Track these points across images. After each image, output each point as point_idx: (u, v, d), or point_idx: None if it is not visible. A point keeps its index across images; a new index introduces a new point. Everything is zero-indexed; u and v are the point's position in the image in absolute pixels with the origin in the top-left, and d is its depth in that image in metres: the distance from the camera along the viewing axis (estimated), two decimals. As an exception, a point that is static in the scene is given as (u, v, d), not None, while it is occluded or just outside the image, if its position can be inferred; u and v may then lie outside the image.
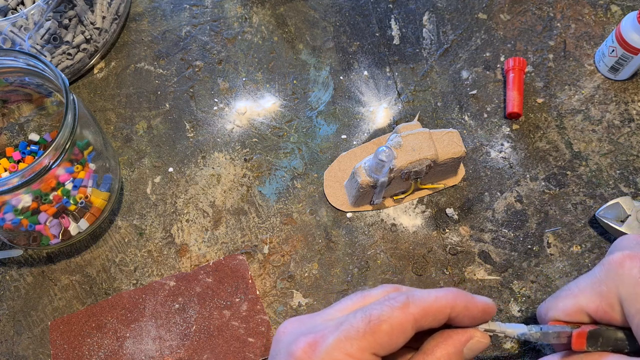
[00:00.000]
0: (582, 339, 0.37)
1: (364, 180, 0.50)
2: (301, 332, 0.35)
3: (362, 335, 0.33)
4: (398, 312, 0.34)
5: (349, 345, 0.33)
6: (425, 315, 0.35)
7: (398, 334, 0.34)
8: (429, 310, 0.35)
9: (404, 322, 0.34)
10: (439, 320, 0.35)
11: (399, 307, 0.34)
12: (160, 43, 0.64)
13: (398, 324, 0.34)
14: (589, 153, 0.57)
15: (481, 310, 0.36)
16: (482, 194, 0.55)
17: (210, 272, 0.53)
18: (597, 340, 0.37)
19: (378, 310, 0.34)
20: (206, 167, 0.57)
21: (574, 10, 0.64)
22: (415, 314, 0.34)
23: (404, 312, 0.34)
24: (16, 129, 0.57)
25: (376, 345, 0.33)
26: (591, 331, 0.37)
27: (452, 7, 0.64)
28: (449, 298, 0.35)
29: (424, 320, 0.35)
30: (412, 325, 0.34)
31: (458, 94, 0.60)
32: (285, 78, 0.61)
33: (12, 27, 0.54)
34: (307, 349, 0.33)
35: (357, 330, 0.33)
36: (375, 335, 0.33)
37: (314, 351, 0.33)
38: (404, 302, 0.34)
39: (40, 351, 0.51)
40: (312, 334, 0.34)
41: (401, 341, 0.34)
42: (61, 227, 0.51)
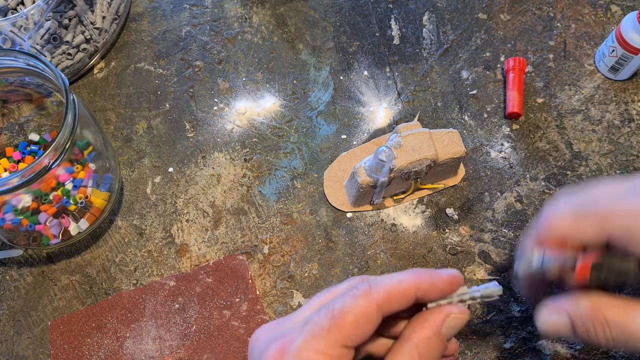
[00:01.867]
0: (585, 272, 0.35)
1: (364, 180, 0.50)
2: (271, 338, 0.35)
3: (327, 331, 0.33)
4: (360, 300, 0.34)
5: (316, 344, 0.33)
6: (389, 299, 0.34)
7: (364, 323, 0.34)
8: (392, 294, 0.35)
9: (368, 309, 0.34)
10: (405, 302, 0.35)
11: (361, 295, 0.34)
12: (160, 43, 0.64)
13: (362, 313, 0.34)
14: (589, 153, 0.57)
15: (447, 283, 0.36)
16: (482, 194, 0.55)
17: (210, 272, 0.53)
18: (601, 272, 0.35)
19: (340, 302, 0.34)
20: (206, 167, 0.57)
21: (574, 10, 0.64)
22: (378, 300, 0.34)
23: (366, 299, 0.34)
24: (16, 129, 0.57)
25: (344, 338, 0.33)
26: (595, 264, 0.35)
27: (452, 7, 0.64)
28: (412, 279, 0.35)
29: (389, 305, 0.35)
30: (376, 311, 0.34)
31: (458, 94, 0.60)
32: (285, 78, 0.61)
33: (12, 27, 0.54)
34: (277, 355, 0.33)
35: (322, 327, 0.33)
36: (341, 328, 0.33)
37: (283, 356, 0.33)
38: (365, 290, 0.34)
39: (40, 351, 0.51)
40: (281, 339, 0.34)
41: (369, 329, 0.34)
42: (61, 227, 0.51)
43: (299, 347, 0.33)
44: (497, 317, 0.50)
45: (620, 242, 0.36)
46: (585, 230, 0.37)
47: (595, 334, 0.36)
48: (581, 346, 0.49)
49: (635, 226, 0.35)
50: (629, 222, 0.36)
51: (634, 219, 0.36)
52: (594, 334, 0.36)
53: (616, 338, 0.35)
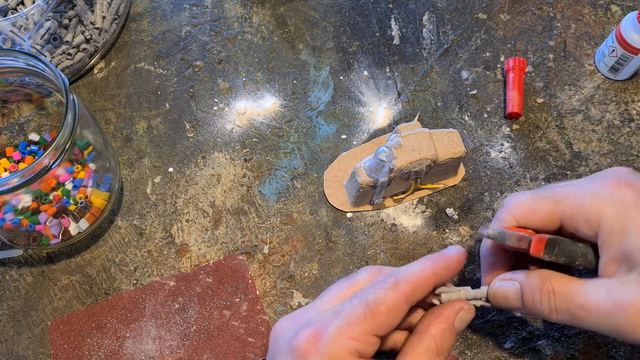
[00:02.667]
0: (541, 244, 0.38)
1: (364, 180, 0.50)
2: (298, 326, 0.36)
3: (362, 320, 0.35)
4: (391, 292, 0.36)
5: (351, 330, 0.35)
6: (415, 290, 0.37)
7: (395, 313, 0.36)
8: (417, 284, 0.37)
9: (398, 301, 0.36)
10: (427, 290, 0.38)
11: (391, 287, 0.36)
12: (160, 43, 0.64)
13: (393, 304, 0.36)
14: (589, 153, 0.57)
15: (457, 262, 0.39)
16: (482, 194, 0.55)
17: (210, 272, 0.53)
18: (554, 248, 0.38)
19: (373, 294, 0.36)
20: (206, 167, 0.57)
21: (574, 10, 0.64)
22: (406, 291, 0.36)
23: (396, 291, 0.36)
24: (16, 129, 0.57)
25: (376, 327, 0.35)
26: (550, 238, 0.38)
27: (452, 7, 0.64)
28: (430, 267, 0.38)
29: (415, 295, 0.37)
30: (405, 302, 0.36)
31: (458, 94, 0.60)
32: (285, 78, 0.61)
33: (12, 27, 0.54)
34: (311, 339, 0.35)
35: (357, 316, 0.35)
36: (375, 317, 0.35)
37: (318, 341, 0.35)
38: (394, 282, 0.36)
39: (40, 351, 0.51)
40: (312, 325, 0.36)
41: (398, 319, 0.36)
42: (61, 227, 0.51)
43: (335, 332, 0.35)
44: (497, 317, 0.50)
45: (570, 223, 0.39)
46: (541, 212, 0.40)
47: (540, 302, 0.38)
48: (581, 346, 0.49)
49: (583, 208, 0.38)
50: (578, 204, 0.38)
51: (583, 200, 0.38)
52: (539, 302, 0.38)
53: (559, 308, 0.37)
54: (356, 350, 0.35)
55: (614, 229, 0.37)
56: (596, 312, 0.36)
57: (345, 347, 0.34)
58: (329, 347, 0.34)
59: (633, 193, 0.37)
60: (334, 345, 0.34)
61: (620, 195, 0.37)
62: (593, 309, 0.36)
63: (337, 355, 0.34)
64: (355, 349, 0.35)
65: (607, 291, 0.36)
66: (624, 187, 0.38)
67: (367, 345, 0.35)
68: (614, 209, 0.37)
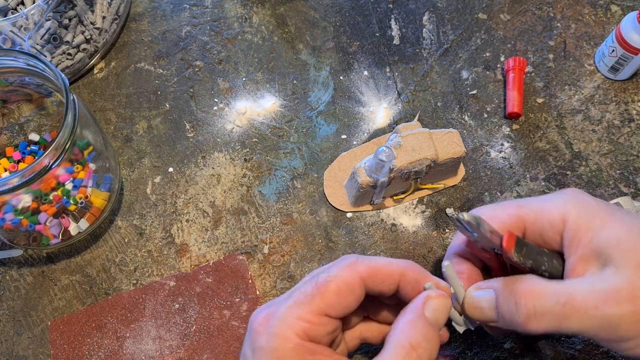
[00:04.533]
0: (512, 240, 0.37)
1: (364, 180, 0.50)
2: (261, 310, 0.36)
3: (310, 298, 0.34)
4: (344, 270, 0.35)
5: (299, 310, 0.34)
6: (373, 275, 0.36)
7: (346, 293, 0.35)
8: (376, 270, 0.36)
9: (351, 280, 0.35)
10: (388, 284, 0.36)
11: (346, 266, 0.35)
12: (160, 43, 0.64)
13: (345, 283, 0.35)
14: (589, 153, 0.57)
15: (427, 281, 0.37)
16: (482, 194, 0.55)
17: (210, 272, 0.53)
18: (522, 248, 0.37)
19: (325, 272, 0.35)
20: (206, 167, 0.57)
21: (574, 10, 0.64)
22: (362, 272, 0.35)
23: (350, 270, 0.35)
24: (16, 129, 0.57)
25: (326, 306, 0.34)
26: (519, 238, 0.38)
27: (452, 7, 0.64)
28: (401, 265, 0.36)
29: (373, 281, 0.36)
30: (359, 283, 0.35)
31: (458, 94, 0.60)
32: (285, 78, 0.61)
33: (12, 27, 0.54)
34: (263, 321, 0.35)
35: (306, 294, 0.35)
36: (324, 296, 0.34)
37: (268, 321, 0.35)
38: (351, 262, 0.36)
39: (40, 351, 0.51)
40: (269, 307, 0.36)
41: (351, 300, 0.35)
42: (61, 227, 0.51)
43: (284, 313, 0.34)
44: (497, 317, 0.50)
45: (534, 228, 0.39)
46: (503, 216, 0.39)
47: (518, 305, 0.35)
48: (581, 346, 0.49)
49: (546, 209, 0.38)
50: (541, 206, 0.38)
51: (546, 204, 0.38)
52: (516, 305, 0.35)
53: (540, 309, 0.34)
54: (304, 332, 0.34)
55: (581, 227, 0.36)
56: (583, 307, 0.33)
57: (292, 327, 0.34)
58: (276, 327, 0.34)
59: (593, 198, 0.38)
60: (282, 325, 0.34)
61: (582, 198, 0.38)
62: (579, 303, 0.33)
63: (284, 335, 0.34)
64: (303, 329, 0.34)
65: (589, 284, 0.34)
66: (583, 193, 0.39)
67: (318, 327, 0.34)
68: (578, 209, 0.37)
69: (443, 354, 0.49)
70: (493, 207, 0.40)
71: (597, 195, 0.55)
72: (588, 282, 0.35)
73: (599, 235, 0.36)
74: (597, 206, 0.37)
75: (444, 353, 0.49)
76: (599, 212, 0.37)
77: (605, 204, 0.38)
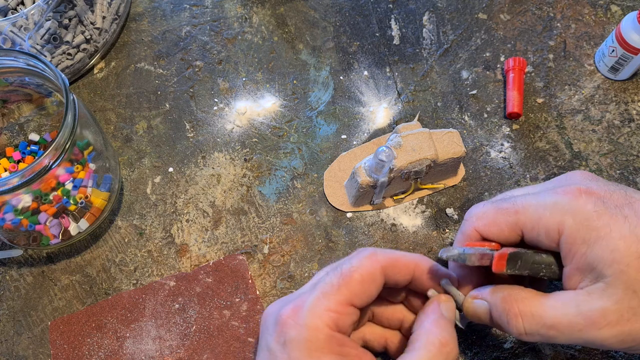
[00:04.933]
0: (502, 260, 0.38)
1: (364, 180, 0.50)
2: (282, 305, 0.37)
3: (337, 289, 0.35)
4: (366, 260, 0.37)
5: (327, 301, 0.35)
6: (392, 265, 0.37)
7: (369, 282, 0.36)
8: (395, 261, 0.37)
9: (373, 269, 0.36)
10: (404, 273, 0.38)
11: (366, 256, 0.37)
12: (160, 43, 0.64)
13: (367, 272, 0.36)
14: (589, 153, 0.57)
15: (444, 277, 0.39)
16: (482, 194, 0.55)
17: (210, 272, 0.53)
18: (516, 262, 0.38)
19: (348, 264, 0.37)
20: (206, 167, 0.57)
21: (574, 10, 0.64)
22: (382, 262, 0.37)
23: (371, 260, 0.37)
24: (16, 129, 0.57)
25: (351, 296, 0.36)
26: (512, 253, 0.38)
27: (452, 7, 0.64)
28: (415, 257, 0.39)
29: (392, 270, 0.37)
30: (380, 272, 0.37)
31: (458, 94, 0.60)
32: (285, 78, 0.61)
33: (12, 27, 0.54)
34: (292, 313, 0.35)
35: (332, 285, 0.36)
36: (349, 285, 0.36)
37: (297, 314, 0.35)
38: (371, 252, 0.37)
39: (40, 351, 0.51)
40: (293, 301, 0.37)
41: (373, 289, 0.37)
42: (61, 227, 0.51)
43: (312, 304, 0.35)
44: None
45: (531, 234, 0.39)
46: (503, 224, 0.39)
47: (508, 324, 0.38)
48: (581, 346, 0.49)
49: (544, 219, 0.38)
50: (538, 215, 0.38)
51: (543, 213, 0.38)
52: (507, 324, 0.38)
53: (529, 330, 0.37)
54: (333, 322, 0.35)
55: (576, 240, 0.36)
56: (568, 331, 0.35)
57: (322, 318, 0.34)
58: (306, 318, 0.34)
59: (593, 201, 0.36)
60: (312, 316, 0.35)
61: (581, 205, 0.37)
62: (564, 327, 0.35)
63: (314, 326, 0.34)
64: (333, 320, 0.35)
65: (576, 306, 0.35)
66: (584, 195, 0.37)
67: (345, 317, 0.35)
68: (575, 220, 0.36)
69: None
70: (493, 211, 0.40)
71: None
72: (576, 301, 0.36)
73: (593, 250, 0.35)
74: (597, 215, 0.36)
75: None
76: (597, 223, 0.36)
77: (611, 210, 0.36)
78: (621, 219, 0.35)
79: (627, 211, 0.36)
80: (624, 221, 0.35)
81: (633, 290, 0.34)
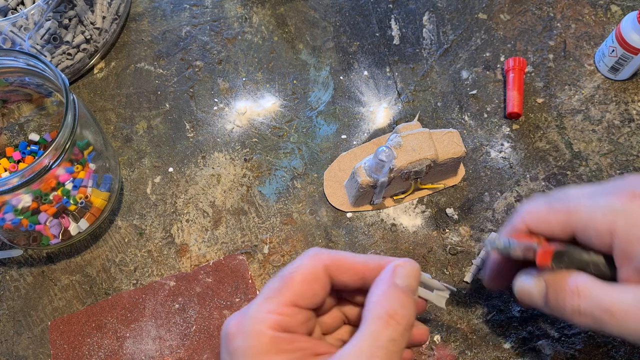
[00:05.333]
0: (547, 256, 0.38)
1: (364, 180, 0.50)
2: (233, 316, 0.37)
3: (278, 292, 0.35)
4: (308, 260, 0.36)
5: (268, 305, 0.35)
6: (337, 264, 0.36)
7: (311, 281, 0.35)
8: (339, 260, 0.36)
9: (314, 268, 0.35)
10: (352, 274, 0.36)
11: (310, 256, 0.36)
12: (160, 43, 0.64)
13: (309, 272, 0.35)
14: (589, 153, 0.57)
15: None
16: (482, 194, 0.55)
17: (210, 272, 0.53)
18: (563, 258, 0.38)
19: (290, 266, 0.36)
20: (206, 167, 0.57)
21: (574, 10, 0.64)
22: (324, 260, 0.36)
23: (313, 259, 0.36)
24: (16, 129, 0.57)
25: (294, 296, 0.35)
26: (557, 251, 0.38)
27: (452, 7, 0.64)
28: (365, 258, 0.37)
29: (337, 270, 0.36)
30: (322, 271, 0.36)
31: (458, 94, 0.60)
32: (285, 78, 0.61)
33: (12, 27, 0.54)
34: (236, 322, 0.35)
35: (273, 289, 0.35)
36: (290, 287, 0.35)
37: (241, 322, 0.35)
38: (314, 252, 0.36)
39: (40, 351, 0.51)
40: (239, 311, 0.36)
41: (317, 289, 0.36)
42: (61, 227, 0.51)
43: (254, 310, 0.35)
44: (497, 317, 0.50)
45: (583, 235, 0.38)
46: (554, 223, 0.39)
47: (564, 301, 0.37)
48: (581, 346, 0.49)
49: (595, 221, 0.37)
50: (590, 217, 0.38)
51: (595, 214, 0.38)
52: (563, 302, 0.37)
53: (584, 310, 0.36)
54: (277, 323, 0.34)
55: (630, 240, 0.36)
56: (623, 317, 0.35)
57: (264, 322, 0.34)
58: (249, 325, 0.34)
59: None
60: (254, 322, 0.34)
61: (634, 208, 0.36)
62: (619, 313, 0.35)
63: (257, 331, 0.34)
64: (276, 321, 0.34)
65: (635, 295, 0.35)
66: (638, 199, 0.37)
67: (290, 318, 0.35)
68: (627, 221, 0.36)
69: (443, 353, 0.49)
70: (545, 209, 0.40)
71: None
72: (634, 294, 0.35)
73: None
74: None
75: (444, 353, 0.49)
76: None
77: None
78: None
79: None
80: None
81: None
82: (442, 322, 0.50)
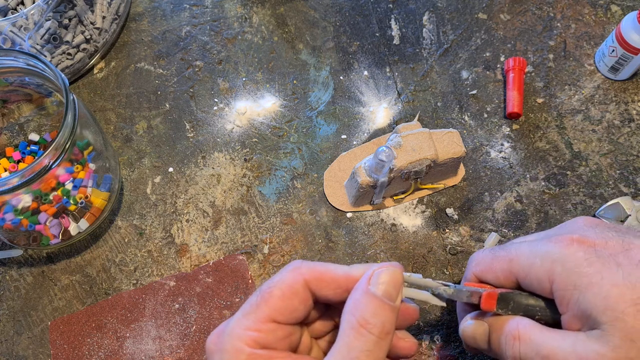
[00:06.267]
0: (492, 300, 0.38)
1: (364, 180, 0.50)
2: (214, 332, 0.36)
3: (256, 307, 0.34)
4: (287, 274, 0.35)
5: (246, 321, 0.34)
6: (318, 278, 0.35)
7: (290, 296, 0.34)
8: (320, 274, 0.35)
9: (293, 282, 0.34)
10: (334, 288, 0.35)
11: (289, 270, 0.35)
12: (160, 43, 0.64)
13: (287, 287, 0.34)
14: (589, 153, 0.57)
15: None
16: (482, 194, 0.55)
17: (210, 272, 0.53)
18: (508, 303, 0.38)
19: (270, 281, 0.35)
20: (206, 167, 0.57)
21: (574, 10, 0.64)
22: (305, 274, 0.34)
23: (293, 273, 0.34)
24: (16, 129, 0.57)
25: (272, 312, 0.34)
26: (502, 294, 0.38)
27: (452, 7, 0.64)
28: (348, 270, 0.35)
29: (317, 284, 0.35)
30: (302, 285, 0.34)
31: (458, 94, 0.60)
32: (285, 78, 0.61)
33: (12, 27, 0.54)
34: (215, 339, 0.35)
35: (251, 304, 0.34)
36: (268, 303, 0.34)
37: (219, 339, 0.34)
38: (295, 266, 0.35)
39: (40, 351, 0.51)
40: (220, 327, 0.35)
41: (297, 303, 0.34)
42: (61, 227, 0.51)
43: (232, 327, 0.34)
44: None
45: (525, 282, 0.39)
46: (498, 271, 0.40)
47: (505, 345, 0.37)
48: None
49: (535, 268, 0.38)
50: (529, 263, 0.38)
51: (534, 261, 0.38)
52: (505, 345, 0.37)
53: (523, 354, 0.36)
54: (254, 340, 0.33)
55: (567, 286, 0.36)
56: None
57: (241, 338, 0.33)
58: (227, 343, 0.33)
59: (585, 249, 0.36)
60: (231, 339, 0.33)
61: (571, 254, 0.36)
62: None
63: (234, 348, 0.33)
64: (253, 338, 0.33)
65: (573, 344, 0.35)
66: (575, 244, 0.37)
67: (267, 334, 0.34)
68: (564, 267, 0.36)
69: (443, 354, 0.49)
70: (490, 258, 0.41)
71: (597, 195, 0.55)
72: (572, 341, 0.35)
73: (585, 296, 0.35)
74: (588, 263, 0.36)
75: (444, 353, 0.49)
76: (587, 270, 0.35)
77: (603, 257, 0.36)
78: (614, 266, 0.35)
79: (621, 259, 0.35)
80: (617, 268, 0.35)
81: (631, 340, 0.33)
82: (442, 322, 0.50)
